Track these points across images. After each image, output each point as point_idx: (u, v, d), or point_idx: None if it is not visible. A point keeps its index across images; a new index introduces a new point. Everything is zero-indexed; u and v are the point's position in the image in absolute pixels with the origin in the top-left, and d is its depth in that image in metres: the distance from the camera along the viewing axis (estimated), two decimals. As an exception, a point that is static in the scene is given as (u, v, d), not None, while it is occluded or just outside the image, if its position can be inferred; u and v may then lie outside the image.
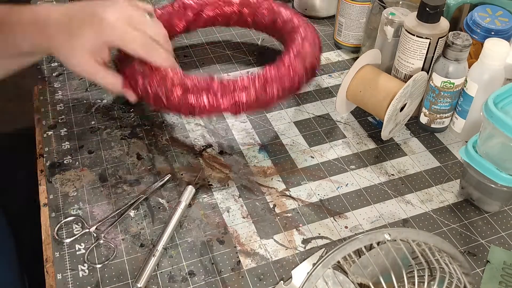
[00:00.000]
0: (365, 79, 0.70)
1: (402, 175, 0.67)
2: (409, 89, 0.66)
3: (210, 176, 0.66)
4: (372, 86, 0.69)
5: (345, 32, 0.86)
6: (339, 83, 0.81)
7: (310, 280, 0.42)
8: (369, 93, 0.69)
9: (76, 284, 0.54)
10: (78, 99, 0.77)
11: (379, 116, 0.70)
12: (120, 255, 0.57)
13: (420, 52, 0.67)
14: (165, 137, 0.72)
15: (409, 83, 0.65)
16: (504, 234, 0.60)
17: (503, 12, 0.70)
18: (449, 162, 0.69)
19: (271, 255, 0.57)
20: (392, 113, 0.66)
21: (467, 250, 0.58)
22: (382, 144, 0.71)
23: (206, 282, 0.54)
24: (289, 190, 0.65)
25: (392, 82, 0.69)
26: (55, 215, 0.61)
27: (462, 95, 0.68)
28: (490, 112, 0.53)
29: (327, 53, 0.88)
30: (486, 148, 0.57)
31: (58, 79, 0.81)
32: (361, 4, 0.82)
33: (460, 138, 0.72)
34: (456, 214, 0.62)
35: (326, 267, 0.42)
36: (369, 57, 0.71)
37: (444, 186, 0.65)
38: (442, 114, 0.70)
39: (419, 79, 0.67)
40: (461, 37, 0.64)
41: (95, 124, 0.73)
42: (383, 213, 0.62)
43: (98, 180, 0.65)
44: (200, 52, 0.88)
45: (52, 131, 0.72)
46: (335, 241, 0.59)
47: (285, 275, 0.55)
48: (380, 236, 0.43)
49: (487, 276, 0.55)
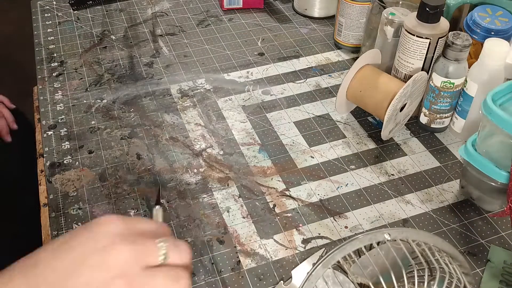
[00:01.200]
0: (365, 79, 0.70)
1: (402, 175, 0.67)
2: (409, 89, 0.66)
3: (210, 176, 0.66)
4: (372, 86, 0.69)
5: (345, 32, 0.86)
6: (339, 83, 0.81)
7: (310, 280, 0.42)
8: (369, 93, 0.69)
9: (76, 284, 0.54)
10: (78, 99, 0.77)
11: (379, 116, 0.70)
12: (120, 255, 0.57)
13: (420, 52, 0.67)
14: (165, 137, 0.72)
15: (409, 83, 0.65)
16: (504, 234, 0.60)
17: (503, 12, 0.70)
18: (449, 162, 0.69)
19: (271, 255, 0.57)
20: (392, 113, 0.66)
21: (467, 250, 0.58)
22: (382, 144, 0.71)
23: (206, 282, 0.54)
24: (289, 190, 0.65)
25: (392, 82, 0.69)
26: (55, 215, 0.61)
27: (462, 95, 0.68)
28: (489, 109, 0.53)
29: (327, 53, 0.88)
30: (486, 146, 0.57)
31: (58, 79, 0.81)
32: (361, 4, 0.82)
33: (460, 138, 0.72)
34: (456, 214, 0.62)
35: (326, 267, 0.42)
36: (369, 57, 0.71)
37: (444, 186, 0.65)
38: (442, 114, 0.70)
39: (419, 79, 0.67)
40: (461, 37, 0.64)
41: (95, 124, 0.73)
42: (383, 213, 0.62)
43: (98, 180, 0.65)
44: (200, 52, 0.88)
45: (52, 131, 0.72)
46: (335, 241, 0.59)
47: (285, 275, 0.55)
48: (380, 236, 0.43)
49: (487, 275, 0.55)
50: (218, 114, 0.76)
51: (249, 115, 0.76)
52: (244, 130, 0.73)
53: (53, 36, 0.90)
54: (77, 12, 0.97)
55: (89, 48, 0.88)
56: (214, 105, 0.77)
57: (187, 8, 0.99)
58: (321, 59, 0.87)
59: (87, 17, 0.95)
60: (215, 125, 0.74)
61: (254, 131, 0.73)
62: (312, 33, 0.93)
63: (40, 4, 0.99)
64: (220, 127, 0.74)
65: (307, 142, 0.71)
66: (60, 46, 0.88)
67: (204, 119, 0.75)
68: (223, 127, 0.74)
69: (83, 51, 0.87)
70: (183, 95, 0.79)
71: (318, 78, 0.82)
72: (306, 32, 0.93)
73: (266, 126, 0.74)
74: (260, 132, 0.73)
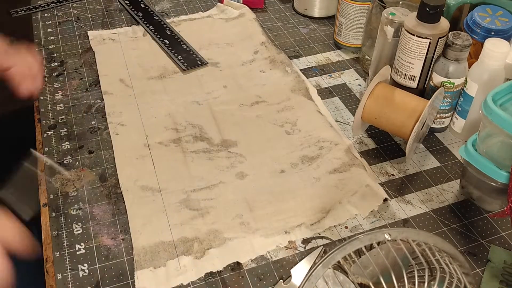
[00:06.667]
0: (381, 101, 0.67)
1: (402, 175, 0.67)
2: (427, 109, 0.64)
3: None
4: (390, 108, 0.66)
5: (345, 32, 0.86)
6: (339, 83, 0.81)
7: (310, 280, 0.42)
8: (388, 116, 0.66)
9: (76, 284, 0.54)
10: (78, 99, 0.77)
11: (403, 137, 0.67)
12: (120, 255, 0.57)
13: (420, 52, 0.67)
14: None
15: (432, 99, 0.63)
16: (504, 234, 0.60)
17: (503, 12, 0.70)
18: (449, 162, 0.69)
19: (271, 255, 0.57)
20: (416, 135, 0.64)
21: (467, 250, 0.58)
22: (382, 144, 0.71)
23: (206, 282, 0.54)
24: (289, 190, 0.65)
25: (413, 101, 0.66)
26: (55, 215, 0.61)
27: (462, 95, 0.68)
28: (489, 110, 0.53)
29: (327, 53, 0.88)
30: (486, 147, 0.57)
31: (58, 79, 0.81)
32: (361, 4, 0.82)
33: (460, 138, 0.72)
34: (456, 214, 0.62)
35: (326, 267, 0.42)
36: (381, 76, 0.68)
37: (444, 186, 0.65)
38: (442, 114, 0.70)
39: (438, 94, 0.65)
40: (461, 37, 0.64)
41: (95, 124, 0.73)
42: (383, 213, 0.62)
43: (98, 180, 0.65)
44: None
45: (52, 131, 0.72)
46: (335, 241, 0.59)
47: (285, 275, 0.55)
48: (380, 236, 0.43)
49: (488, 275, 0.55)
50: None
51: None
52: (244, 130, 0.73)
53: (53, 36, 0.90)
54: (77, 12, 0.97)
55: (89, 48, 0.88)
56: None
57: (187, 8, 0.99)
58: (321, 59, 0.87)
59: (87, 17, 0.95)
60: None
61: (254, 131, 0.73)
62: (312, 33, 0.93)
63: (40, 4, 0.99)
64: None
65: (307, 142, 0.71)
66: (60, 46, 0.88)
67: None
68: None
69: (83, 51, 0.87)
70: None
71: (318, 78, 0.82)
72: (306, 32, 0.93)
73: (266, 126, 0.74)
74: (260, 132, 0.73)
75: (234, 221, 0.60)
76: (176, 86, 0.79)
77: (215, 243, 0.57)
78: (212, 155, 0.68)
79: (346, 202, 0.62)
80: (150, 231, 0.58)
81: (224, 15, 0.96)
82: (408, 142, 0.63)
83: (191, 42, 0.88)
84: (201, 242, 0.57)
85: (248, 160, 0.67)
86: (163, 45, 0.87)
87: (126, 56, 0.85)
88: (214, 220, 0.60)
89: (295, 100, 0.77)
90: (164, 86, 0.79)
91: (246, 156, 0.68)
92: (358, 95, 0.79)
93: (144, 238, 0.58)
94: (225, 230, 0.59)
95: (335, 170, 0.66)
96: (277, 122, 0.73)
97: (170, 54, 0.85)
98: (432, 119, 0.70)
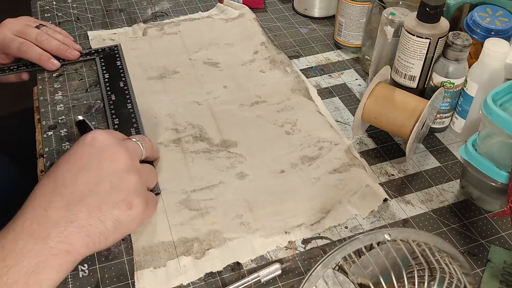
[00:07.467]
0: (381, 101, 0.67)
1: (402, 175, 0.67)
2: (427, 110, 0.64)
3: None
4: (390, 108, 0.66)
5: (345, 32, 0.86)
6: (339, 83, 0.81)
7: (310, 280, 0.42)
8: (388, 116, 0.66)
9: (76, 284, 0.54)
10: (78, 99, 0.77)
11: (403, 137, 0.67)
12: (120, 255, 0.57)
13: (420, 52, 0.67)
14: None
15: (432, 99, 0.63)
16: (504, 234, 0.60)
17: (503, 12, 0.70)
18: (449, 162, 0.69)
19: (271, 255, 0.57)
20: (416, 134, 0.64)
21: (467, 250, 0.58)
22: (382, 144, 0.71)
23: (206, 282, 0.54)
24: (289, 190, 0.65)
25: (413, 101, 0.66)
26: (55, 216, 0.61)
27: (462, 95, 0.68)
28: (489, 109, 0.53)
29: (327, 53, 0.88)
30: (486, 147, 0.57)
31: (58, 79, 0.81)
32: (361, 4, 0.82)
33: (460, 138, 0.72)
34: (456, 214, 0.62)
35: (326, 267, 0.42)
36: (381, 76, 0.68)
37: (444, 186, 0.65)
38: (442, 114, 0.70)
39: (438, 94, 0.65)
40: (461, 37, 0.64)
41: (95, 124, 0.73)
42: (383, 213, 0.62)
43: (98, 180, 0.65)
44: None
45: (52, 132, 0.72)
46: (335, 241, 0.59)
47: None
48: (380, 236, 0.43)
49: (488, 275, 0.55)
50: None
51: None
52: (244, 130, 0.73)
53: (53, 36, 0.90)
54: (77, 12, 0.97)
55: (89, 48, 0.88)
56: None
57: (187, 8, 0.99)
58: (321, 59, 0.87)
59: (87, 17, 0.95)
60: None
61: (254, 131, 0.73)
62: (312, 33, 0.93)
63: (40, 4, 0.99)
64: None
65: (307, 142, 0.71)
66: (60, 46, 0.88)
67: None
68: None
69: (83, 51, 0.87)
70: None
71: (318, 78, 0.82)
72: (306, 32, 0.93)
73: (266, 126, 0.74)
74: (260, 132, 0.73)
75: (234, 221, 0.60)
76: (176, 86, 0.79)
77: (215, 243, 0.57)
78: (212, 155, 0.68)
79: (346, 202, 0.62)
80: (150, 231, 0.58)
81: (224, 15, 0.96)
82: (408, 142, 0.63)
83: (191, 42, 0.88)
84: (201, 242, 0.57)
85: (248, 160, 0.67)
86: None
87: (125, 56, 0.85)
88: (214, 220, 0.60)
89: (295, 100, 0.77)
90: (164, 86, 0.79)
91: (246, 156, 0.68)
92: (358, 95, 0.79)
93: (144, 239, 0.58)
94: (225, 230, 0.59)
95: (335, 170, 0.66)
96: (277, 122, 0.73)
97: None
98: (432, 119, 0.70)
